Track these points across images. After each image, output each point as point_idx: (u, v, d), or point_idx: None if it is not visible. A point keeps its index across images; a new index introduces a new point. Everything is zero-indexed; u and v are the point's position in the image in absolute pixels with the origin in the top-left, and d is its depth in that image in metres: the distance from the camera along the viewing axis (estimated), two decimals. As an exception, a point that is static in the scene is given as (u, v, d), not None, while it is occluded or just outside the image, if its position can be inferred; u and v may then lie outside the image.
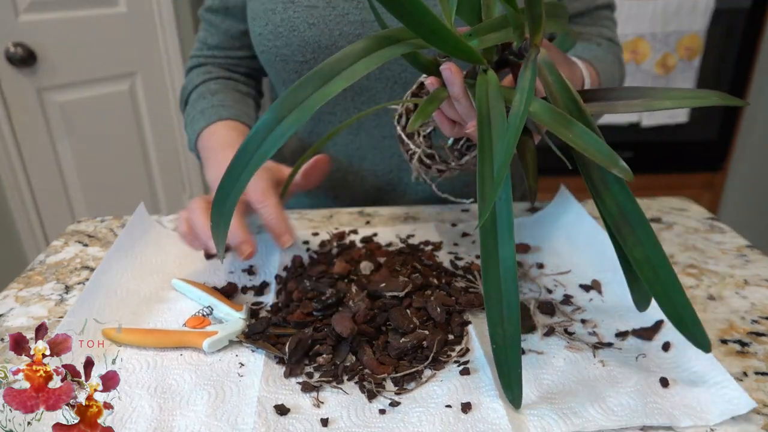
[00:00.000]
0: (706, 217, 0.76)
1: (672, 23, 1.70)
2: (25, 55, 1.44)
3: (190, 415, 0.44)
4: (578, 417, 0.43)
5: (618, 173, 0.40)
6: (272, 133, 0.41)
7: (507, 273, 0.43)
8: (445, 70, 0.45)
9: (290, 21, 0.72)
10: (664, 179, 1.99)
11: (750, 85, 1.88)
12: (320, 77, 0.41)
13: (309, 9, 0.71)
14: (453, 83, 0.46)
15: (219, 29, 0.82)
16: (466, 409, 0.44)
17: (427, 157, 0.63)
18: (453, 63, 0.45)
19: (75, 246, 0.71)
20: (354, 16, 0.71)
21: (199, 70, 0.84)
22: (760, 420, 0.43)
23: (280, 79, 0.79)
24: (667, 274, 0.43)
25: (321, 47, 0.72)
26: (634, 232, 0.43)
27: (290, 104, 0.40)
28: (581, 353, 0.50)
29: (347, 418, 0.44)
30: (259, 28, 0.74)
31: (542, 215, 0.74)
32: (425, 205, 0.80)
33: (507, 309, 0.43)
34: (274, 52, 0.74)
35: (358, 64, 0.41)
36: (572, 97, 0.44)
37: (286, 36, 0.72)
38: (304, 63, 0.74)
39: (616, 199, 0.44)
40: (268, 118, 0.41)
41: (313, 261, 0.65)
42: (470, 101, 0.46)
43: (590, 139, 0.41)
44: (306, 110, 0.40)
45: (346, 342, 0.50)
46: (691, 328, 0.44)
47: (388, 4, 0.39)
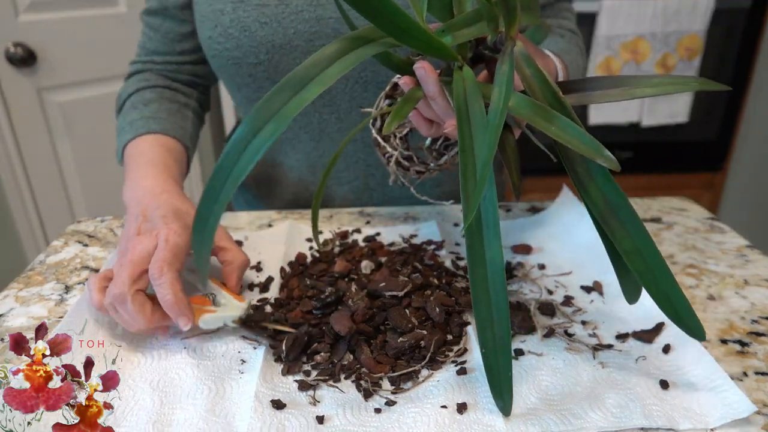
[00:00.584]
0: (706, 217, 0.76)
1: (672, 23, 1.70)
2: (25, 55, 1.44)
3: (190, 409, 0.45)
4: (577, 419, 0.43)
5: (603, 163, 0.40)
6: (249, 147, 0.39)
7: (495, 275, 0.41)
8: (418, 68, 0.44)
9: (241, 21, 0.68)
10: (664, 179, 1.99)
11: (750, 85, 1.88)
12: (294, 83, 0.39)
13: (260, 8, 0.68)
14: (428, 82, 0.44)
15: (158, 32, 0.77)
16: (462, 409, 0.44)
17: (405, 159, 0.61)
18: (427, 61, 0.44)
19: (75, 246, 0.71)
20: (308, 14, 0.68)
21: (136, 77, 0.78)
22: (760, 420, 0.43)
23: (234, 84, 0.75)
24: (658, 264, 0.43)
25: (275, 47, 0.69)
26: (622, 224, 0.43)
27: (265, 114, 0.39)
28: (581, 355, 0.50)
29: (343, 416, 0.44)
30: (208, 31, 0.71)
31: (544, 216, 0.74)
32: (425, 205, 0.80)
33: (496, 312, 0.42)
34: (226, 55, 0.70)
35: (332, 68, 0.40)
36: (551, 89, 0.43)
37: (237, 37, 0.69)
38: (259, 65, 0.70)
39: (601, 190, 0.43)
40: (242, 132, 0.39)
41: (314, 259, 0.65)
42: (447, 100, 0.45)
43: (574, 131, 0.40)
44: (283, 120, 0.39)
45: (344, 341, 0.50)
46: (684, 318, 0.44)
47: (356, 4, 0.38)
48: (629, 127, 1.86)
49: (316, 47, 0.68)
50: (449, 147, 0.60)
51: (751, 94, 1.89)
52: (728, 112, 1.90)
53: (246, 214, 0.78)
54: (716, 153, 1.97)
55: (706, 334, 0.52)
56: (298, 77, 0.40)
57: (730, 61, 1.82)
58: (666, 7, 1.68)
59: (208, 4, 0.70)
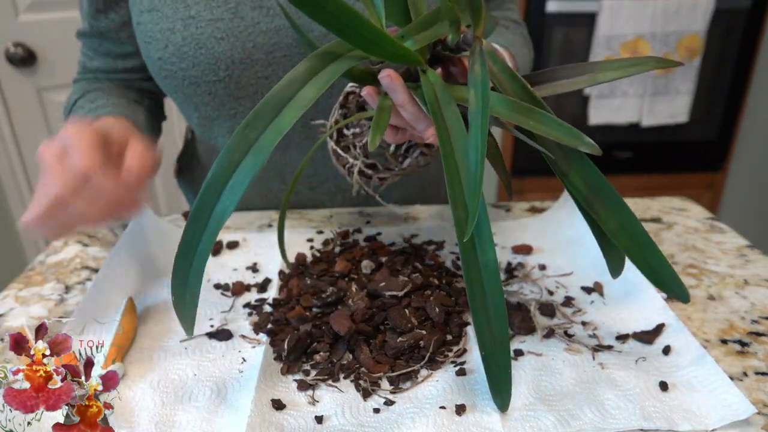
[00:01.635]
0: (706, 217, 0.76)
1: (672, 23, 1.70)
2: (25, 55, 1.44)
3: (191, 410, 0.45)
4: (575, 420, 0.43)
5: (586, 149, 0.40)
6: (229, 184, 0.37)
7: (490, 279, 0.41)
8: (384, 78, 0.42)
9: (194, 38, 0.64)
10: (664, 179, 1.99)
11: (750, 85, 1.88)
12: (268, 110, 0.38)
13: (213, 23, 0.64)
14: (396, 90, 0.43)
15: (98, 52, 0.73)
16: (460, 410, 0.44)
17: (367, 167, 0.60)
18: (391, 69, 0.43)
19: (75, 246, 0.71)
20: (266, 25, 0.65)
21: (81, 83, 0.75)
22: (760, 421, 0.43)
23: (191, 104, 0.70)
24: (642, 238, 0.44)
25: (234, 62, 0.65)
26: (604, 205, 0.44)
27: (242, 146, 0.37)
28: (580, 355, 0.50)
29: (341, 416, 0.44)
30: (157, 52, 0.66)
31: (545, 216, 0.74)
32: (425, 205, 0.80)
33: (494, 315, 0.41)
34: (181, 75, 0.66)
35: (306, 89, 0.39)
36: (521, 83, 0.43)
37: (193, 55, 0.65)
38: (218, 82, 0.67)
39: (581, 176, 0.44)
40: (220, 167, 0.37)
41: (315, 259, 0.65)
42: (417, 105, 0.44)
43: (551, 122, 0.41)
44: (262, 151, 0.37)
45: (344, 340, 0.50)
46: (670, 284, 0.46)
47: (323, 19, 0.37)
48: (629, 127, 1.86)
49: (277, 58, 0.66)
50: (410, 149, 0.59)
51: (751, 94, 1.89)
52: (728, 112, 1.90)
53: (246, 213, 0.78)
54: (716, 153, 1.98)
55: (706, 334, 0.53)
56: (272, 103, 0.38)
57: (730, 61, 1.82)
58: (666, 7, 1.68)
59: (154, 23, 0.65)
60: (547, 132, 0.40)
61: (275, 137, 0.37)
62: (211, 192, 0.37)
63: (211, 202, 0.38)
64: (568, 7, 1.69)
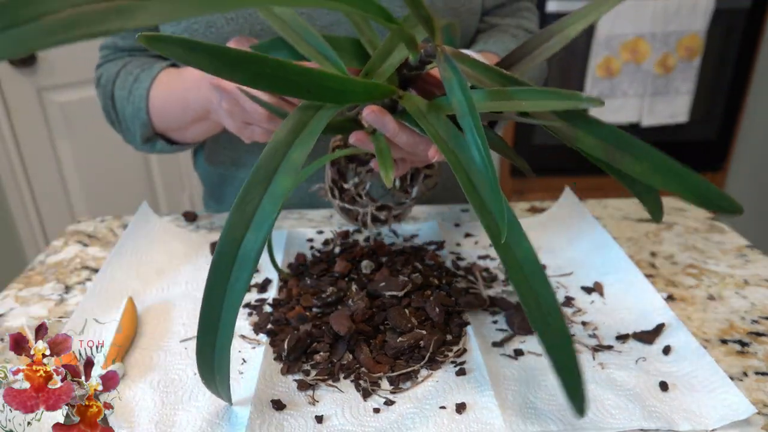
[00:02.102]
0: (706, 217, 0.76)
1: (672, 23, 1.70)
2: (25, 55, 1.44)
3: (192, 410, 0.45)
4: (575, 419, 0.43)
5: (588, 104, 0.39)
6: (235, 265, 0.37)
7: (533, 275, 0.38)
8: (369, 115, 0.42)
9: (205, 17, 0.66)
10: (664, 179, 1.99)
11: (750, 85, 1.88)
12: (260, 178, 0.37)
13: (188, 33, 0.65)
14: (384, 122, 0.43)
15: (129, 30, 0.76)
16: (461, 410, 0.44)
17: (379, 210, 0.61)
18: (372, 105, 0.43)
19: (75, 246, 0.71)
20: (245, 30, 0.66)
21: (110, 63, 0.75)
22: (760, 421, 0.43)
23: None
24: (675, 167, 0.43)
25: None
26: (627, 153, 0.43)
27: (242, 222, 0.37)
28: (580, 355, 0.50)
29: (341, 415, 0.44)
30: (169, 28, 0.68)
31: (546, 216, 0.74)
32: (425, 205, 0.80)
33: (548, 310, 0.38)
34: None
35: (293, 152, 0.38)
36: (497, 72, 0.42)
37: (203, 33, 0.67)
38: None
39: (591, 134, 0.43)
40: (224, 245, 0.37)
41: (315, 259, 0.65)
42: (410, 130, 0.44)
43: (543, 95, 0.40)
44: (262, 227, 0.36)
45: (344, 340, 0.50)
46: (717, 201, 0.44)
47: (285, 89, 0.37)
48: (629, 127, 1.86)
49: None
50: (413, 177, 0.60)
51: (751, 94, 1.89)
52: (728, 112, 1.90)
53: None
54: (716, 153, 1.97)
55: (706, 334, 0.53)
56: (263, 171, 0.37)
57: (730, 61, 1.82)
58: (666, 7, 1.68)
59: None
60: (543, 105, 0.40)
61: (273, 208, 0.37)
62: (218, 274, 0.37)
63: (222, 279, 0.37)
64: (568, 7, 1.69)
